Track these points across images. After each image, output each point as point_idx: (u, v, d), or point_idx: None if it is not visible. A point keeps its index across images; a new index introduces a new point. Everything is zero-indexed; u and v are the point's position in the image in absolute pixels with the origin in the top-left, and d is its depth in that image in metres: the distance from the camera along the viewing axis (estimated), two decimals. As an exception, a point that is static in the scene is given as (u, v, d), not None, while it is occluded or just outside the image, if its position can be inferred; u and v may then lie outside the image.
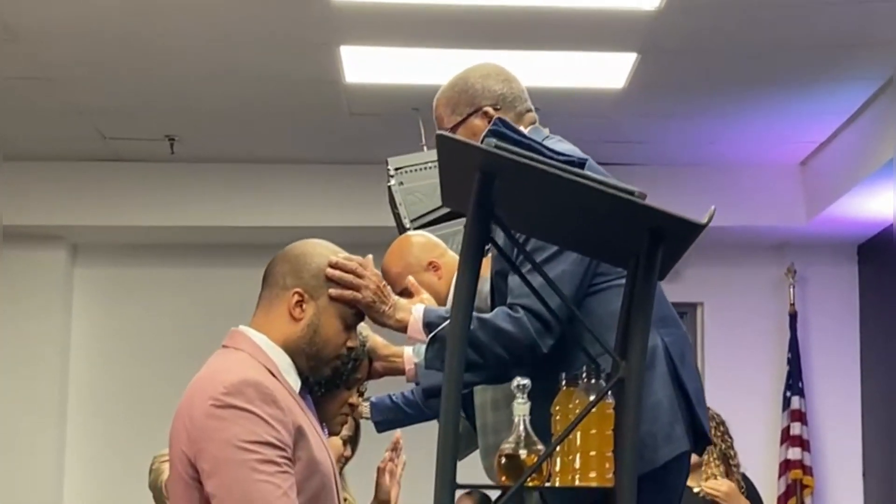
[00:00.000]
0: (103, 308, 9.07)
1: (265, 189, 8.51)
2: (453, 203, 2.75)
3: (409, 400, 4.52)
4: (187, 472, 2.76)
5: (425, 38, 6.31)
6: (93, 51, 6.58)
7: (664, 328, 3.05)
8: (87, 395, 8.95)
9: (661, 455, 2.95)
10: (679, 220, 2.32)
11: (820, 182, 8.30)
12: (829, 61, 6.65)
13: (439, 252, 4.45)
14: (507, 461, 2.51)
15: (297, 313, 2.92)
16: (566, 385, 2.58)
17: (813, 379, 8.94)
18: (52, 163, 8.49)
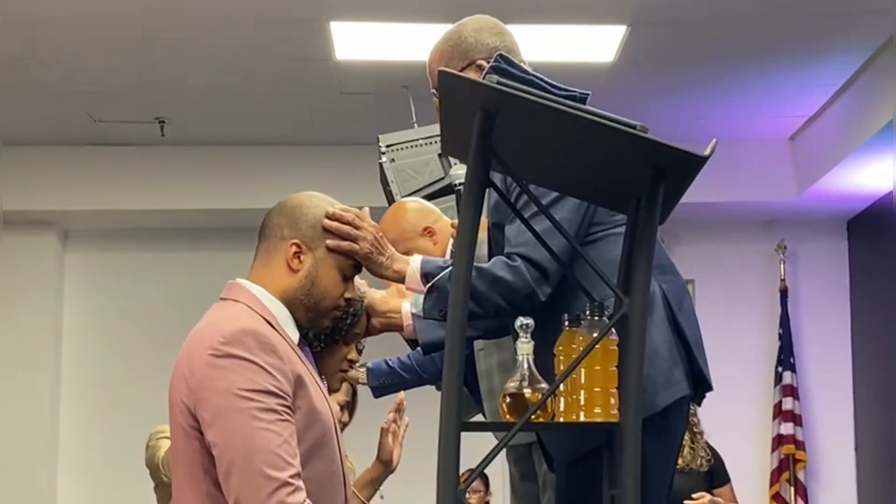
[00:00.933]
0: (95, 293, 9.05)
1: (256, 171, 8.49)
2: (453, 150, 2.74)
3: (405, 365, 4.50)
4: (188, 423, 2.74)
5: (415, 13, 6.29)
6: (82, 32, 6.55)
7: (661, 276, 3.03)
8: (79, 380, 8.94)
9: (661, 399, 2.92)
10: (681, 152, 2.30)
11: (809, 157, 8.30)
12: (817, 31, 6.63)
13: (434, 217, 4.44)
14: (511, 400, 2.50)
15: (294, 264, 2.90)
16: (568, 325, 2.57)
17: (804, 354, 8.94)
18: (41, 147, 8.47)
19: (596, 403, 2.46)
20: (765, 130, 8.33)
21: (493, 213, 3.16)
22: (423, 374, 4.48)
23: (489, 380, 4.05)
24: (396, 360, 4.53)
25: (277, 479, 2.63)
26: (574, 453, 2.96)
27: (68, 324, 8.99)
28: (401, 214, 4.43)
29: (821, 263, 9.03)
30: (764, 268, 9.08)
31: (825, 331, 8.96)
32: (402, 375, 4.42)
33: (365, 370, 4.51)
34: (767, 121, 8.15)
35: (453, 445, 2.37)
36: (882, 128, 7.02)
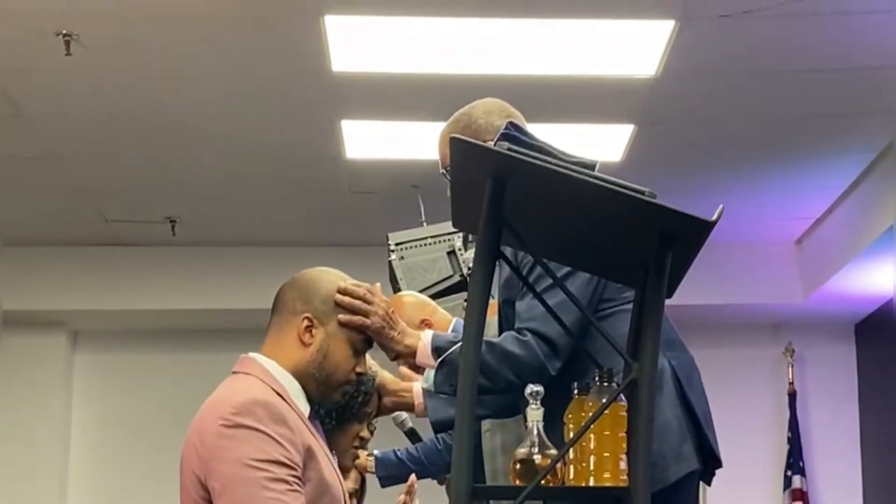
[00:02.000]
0: (104, 394, 9.05)
1: (267, 272, 8.49)
2: (463, 223, 2.76)
3: (413, 457, 4.53)
4: (199, 494, 2.75)
5: (425, 112, 6.37)
6: (96, 131, 6.64)
7: (671, 351, 3.06)
8: (87, 483, 8.90)
9: (672, 474, 2.93)
10: (688, 217, 2.33)
11: (815, 259, 8.34)
12: (821, 133, 6.72)
13: (430, 310, 4.48)
14: (521, 466, 2.51)
15: (306, 339, 2.92)
16: (577, 394, 2.58)
17: (813, 458, 8.90)
18: (53, 248, 8.53)
19: (605, 469, 2.46)
20: (771, 233, 8.39)
21: (503, 289, 3.20)
22: (430, 467, 4.51)
23: (493, 461, 4.07)
24: (405, 452, 4.56)
25: (287, 549, 2.63)
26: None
27: (76, 427, 8.98)
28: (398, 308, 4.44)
29: (829, 367, 9.02)
30: (772, 371, 9.08)
31: (834, 434, 8.93)
32: (409, 467, 4.44)
33: (374, 459, 4.53)
34: (773, 223, 8.21)
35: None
36: (884, 232, 7.07)
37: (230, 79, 6.07)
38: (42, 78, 5.99)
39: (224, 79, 6.06)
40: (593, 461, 2.48)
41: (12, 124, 6.48)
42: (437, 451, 4.48)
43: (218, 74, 6.00)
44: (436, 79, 6.01)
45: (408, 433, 4.53)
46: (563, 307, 2.86)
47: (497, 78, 5.96)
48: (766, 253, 8.58)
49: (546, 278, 2.95)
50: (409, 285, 5.50)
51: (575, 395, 2.59)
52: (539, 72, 5.99)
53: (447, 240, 5.65)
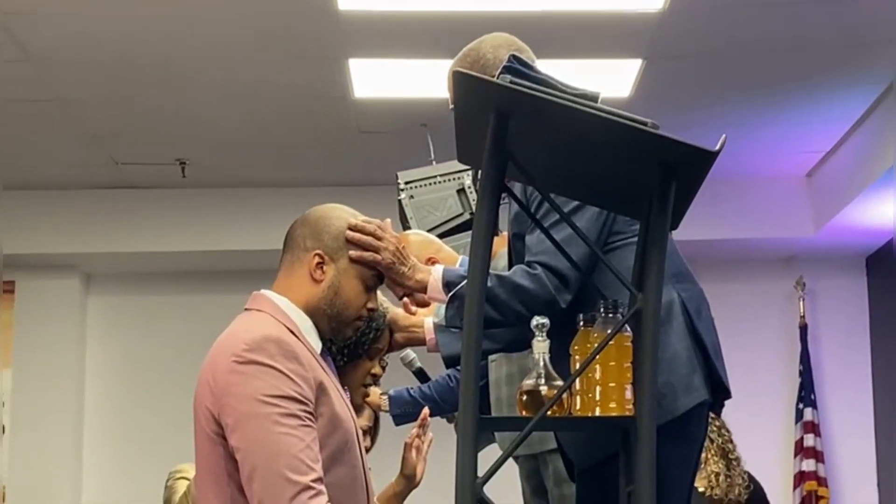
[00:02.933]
0: (117, 336, 9.11)
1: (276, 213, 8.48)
2: (468, 157, 2.79)
3: (426, 395, 4.58)
4: (211, 429, 2.79)
5: (433, 50, 6.37)
6: (105, 74, 6.65)
7: (679, 283, 3.07)
8: (103, 424, 8.98)
9: (681, 404, 2.95)
10: (690, 147, 2.36)
11: (826, 192, 8.34)
12: (832, 64, 6.70)
13: (435, 248, 4.51)
14: (527, 397, 2.55)
15: (317, 275, 2.95)
16: (583, 325, 2.62)
17: (825, 390, 8.94)
18: (64, 191, 8.55)
19: (611, 399, 2.51)
20: (781, 167, 8.38)
21: (512, 224, 3.22)
22: (443, 404, 4.56)
23: (497, 390, 4.13)
24: (418, 390, 4.62)
25: (299, 482, 2.67)
26: (592, 458, 3.00)
27: (91, 367, 9.04)
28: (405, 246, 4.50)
29: (840, 300, 9.05)
30: (783, 305, 9.11)
31: (846, 367, 8.97)
32: (423, 404, 4.48)
33: (387, 398, 4.58)
34: (783, 157, 8.20)
35: (471, 440, 2.41)
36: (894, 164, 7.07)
37: (237, 20, 6.06)
38: (50, 21, 5.99)
39: (231, 20, 6.06)
40: (599, 392, 2.52)
41: (20, 68, 6.49)
42: (449, 388, 4.53)
43: (225, 16, 6.00)
44: (443, 16, 6.01)
45: (416, 373, 4.58)
46: (572, 241, 2.89)
47: (504, 14, 5.95)
48: (777, 187, 8.59)
49: (554, 213, 2.98)
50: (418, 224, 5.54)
51: (580, 326, 2.63)
52: (546, 7, 5.98)
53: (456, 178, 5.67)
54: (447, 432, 4.57)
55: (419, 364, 4.55)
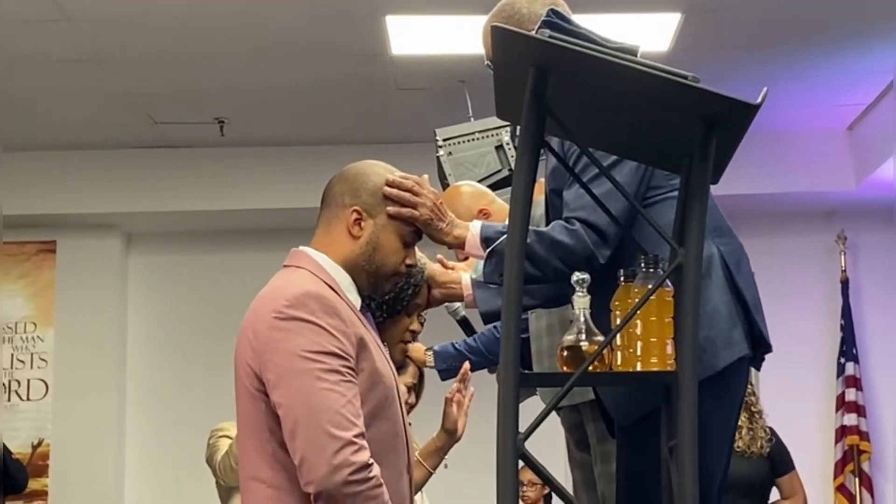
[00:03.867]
0: (159, 295, 9.16)
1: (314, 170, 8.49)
2: (507, 113, 2.77)
3: (472, 347, 4.58)
4: (253, 385, 2.80)
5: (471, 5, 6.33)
6: (143, 33, 6.65)
7: (719, 238, 3.07)
8: (145, 384, 9.05)
9: (721, 359, 2.96)
10: (731, 100, 2.34)
11: (867, 146, 8.27)
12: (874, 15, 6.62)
13: (489, 199, 4.50)
14: (568, 353, 2.55)
15: (355, 231, 2.96)
16: (623, 280, 2.62)
17: (866, 345, 8.90)
18: (103, 151, 8.58)
19: (652, 354, 2.51)
20: (822, 120, 8.32)
21: (550, 179, 3.22)
22: (490, 357, 4.55)
23: (538, 342, 4.13)
24: (463, 343, 4.62)
25: (342, 437, 2.69)
26: (633, 414, 3.00)
27: (132, 327, 9.09)
28: (455, 197, 4.50)
29: (881, 253, 8.99)
30: (824, 259, 9.06)
31: (887, 321, 8.92)
32: (469, 358, 4.49)
33: (432, 353, 4.59)
34: (824, 110, 8.14)
35: (512, 396, 2.42)
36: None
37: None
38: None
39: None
40: (640, 347, 2.52)
41: (58, 27, 6.50)
42: (496, 340, 4.52)
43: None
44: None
45: (461, 322, 4.58)
46: (611, 196, 2.90)
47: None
48: (818, 140, 8.53)
49: (592, 167, 2.97)
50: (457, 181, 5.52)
51: (621, 281, 2.63)
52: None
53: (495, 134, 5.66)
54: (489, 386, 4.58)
55: (464, 313, 4.54)
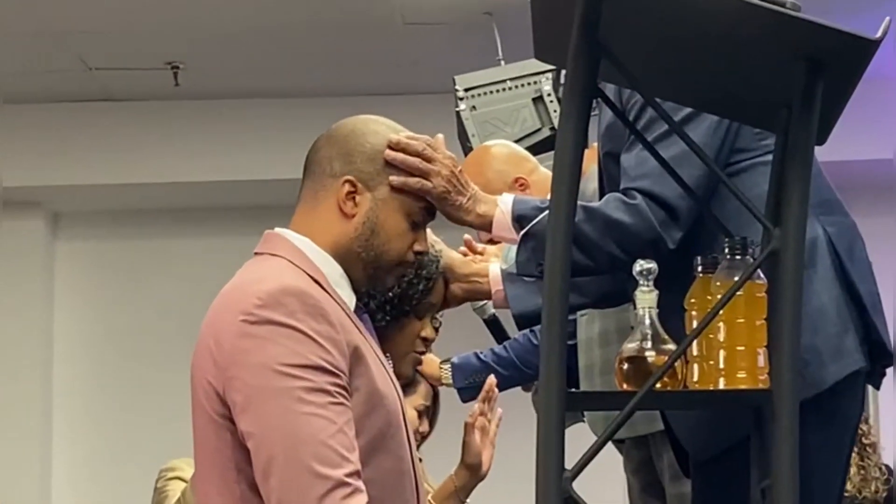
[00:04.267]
0: (92, 288, 9.21)
1: (298, 131, 8.51)
2: (548, 53, 2.76)
3: (501, 358, 4.56)
4: (215, 410, 2.79)
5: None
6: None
7: (826, 216, 3.05)
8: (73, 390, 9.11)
9: (829, 374, 2.94)
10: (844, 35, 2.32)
11: None
12: None
13: (529, 167, 4.49)
14: (629, 366, 2.53)
15: (348, 208, 2.93)
16: (702, 271, 2.60)
17: None
18: (21, 105, 8.59)
19: (739, 367, 2.49)
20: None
21: (604, 139, 3.20)
22: (525, 370, 4.54)
23: (588, 354, 4.13)
24: (490, 353, 4.60)
25: (330, 477, 2.67)
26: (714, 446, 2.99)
27: (60, 323, 9.15)
28: (485, 160, 4.49)
29: None
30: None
31: None
32: (499, 372, 4.47)
33: (449, 367, 4.57)
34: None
35: (556, 422, 2.40)
36: None
37: None
38: None
39: None
40: (723, 357, 2.51)
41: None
42: (533, 348, 4.49)
43: None
44: None
45: (489, 323, 4.57)
46: (683, 160, 2.88)
47: None
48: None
49: (660, 123, 2.96)
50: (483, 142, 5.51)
51: (699, 272, 2.61)
52: None
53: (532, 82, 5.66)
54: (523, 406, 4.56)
55: (493, 311, 4.52)
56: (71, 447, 9.04)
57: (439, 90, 6.19)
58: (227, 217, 9.04)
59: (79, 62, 8.06)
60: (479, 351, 4.61)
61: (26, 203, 8.92)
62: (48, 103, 8.62)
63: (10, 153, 8.62)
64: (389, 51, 7.99)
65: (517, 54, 5.64)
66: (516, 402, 4.50)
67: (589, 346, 4.14)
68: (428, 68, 7.81)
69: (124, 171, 8.73)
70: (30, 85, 8.38)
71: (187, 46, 7.92)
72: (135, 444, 8.50)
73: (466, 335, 4.70)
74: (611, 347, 3.99)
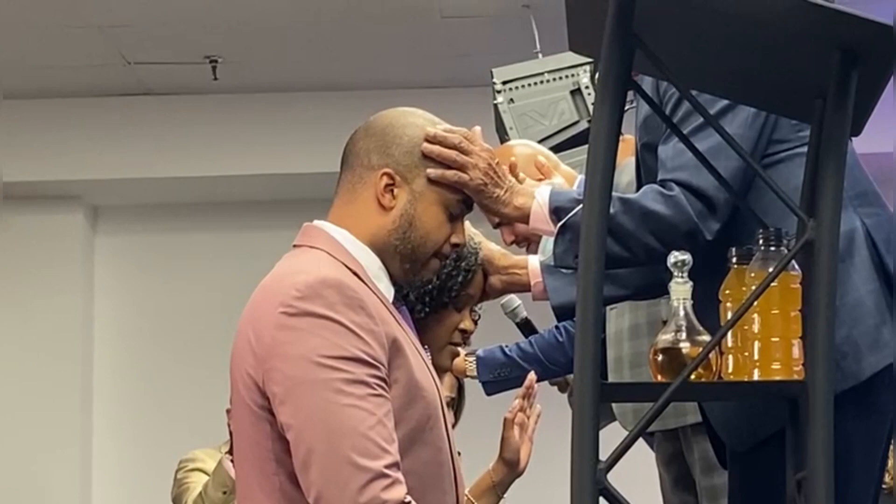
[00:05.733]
0: (132, 282, 9.21)
1: (333, 124, 8.54)
2: (582, 43, 2.77)
3: (526, 354, 4.57)
4: (255, 401, 2.81)
5: None
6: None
7: (863, 207, 3.05)
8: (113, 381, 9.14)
9: (867, 366, 2.94)
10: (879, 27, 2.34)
11: None
12: None
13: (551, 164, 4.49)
14: (664, 357, 2.54)
15: (386, 201, 2.95)
16: (737, 262, 2.61)
17: None
18: (63, 100, 8.63)
19: (774, 358, 2.50)
20: None
21: (641, 131, 3.21)
22: (551, 366, 4.55)
23: (617, 347, 4.13)
24: (515, 348, 4.61)
25: (370, 469, 2.69)
26: (750, 437, 3.00)
27: (99, 315, 9.17)
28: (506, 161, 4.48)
29: None
30: None
31: None
32: (523, 366, 4.48)
33: (474, 360, 4.58)
34: None
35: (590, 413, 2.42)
36: None
37: None
38: None
39: None
40: (758, 349, 2.51)
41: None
42: (557, 344, 4.51)
43: None
44: None
45: (521, 324, 4.58)
46: (720, 152, 2.88)
47: None
48: None
49: (696, 116, 2.96)
50: (521, 135, 5.53)
51: (733, 264, 2.62)
52: None
53: (570, 75, 5.66)
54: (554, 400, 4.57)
55: (525, 314, 4.54)
56: (111, 437, 9.07)
57: (477, 83, 6.20)
58: (266, 210, 9.04)
59: (118, 56, 8.08)
60: (503, 344, 4.62)
61: (66, 197, 8.96)
62: (87, 97, 8.63)
63: (50, 147, 8.66)
64: (428, 44, 7.99)
65: (555, 47, 5.64)
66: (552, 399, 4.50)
67: (618, 339, 4.15)
68: (466, 61, 7.82)
69: (163, 165, 8.74)
70: (69, 79, 8.41)
71: (226, 40, 7.93)
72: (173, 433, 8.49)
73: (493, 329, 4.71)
74: (640, 340, 4.01)
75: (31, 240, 8.91)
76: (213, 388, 4.37)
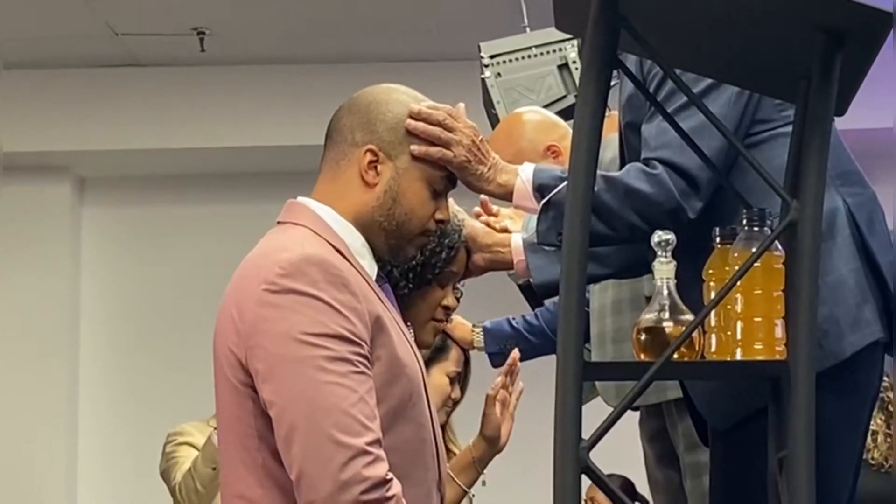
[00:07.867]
0: (118, 254, 9.21)
1: (320, 97, 8.51)
2: (567, 22, 2.76)
3: (533, 326, 4.56)
4: (237, 378, 2.80)
5: None
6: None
7: (845, 187, 3.05)
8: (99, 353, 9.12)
9: (847, 345, 2.94)
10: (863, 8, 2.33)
11: None
12: None
13: (560, 132, 4.47)
14: (647, 336, 2.54)
15: (370, 177, 2.94)
16: (720, 242, 2.60)
17: None
18: (47, 70, 8.61)
19: (756, 338, 2.49)
20: None
21: (625, 110, 3.21)
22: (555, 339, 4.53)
23: (600, 322, 4.12)
24: (521, 321, 4.60)
25: (352, 446, 2.68)
26: (732, 416, 3.00)
27: (86, 287, 9.16)
28: (517, 128, 4.48)
29: None
30: None
31: None
32: (529, 339, 4.48)
33: (481, 331, 4.57)
34: None
35: (573, 391, 2.41)
36: None
37: None
38: None
39: None
40: (741, 328, 2.51)
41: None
42: None
43: None
44: None
45: (523, 287, 4.56)
46: (704, 131, 2.88)
47: None
48: None
49: (680, 95, 2.96)
50: (508, 109, 5.51)
51: (717, 243, 2.61)
52: None
53: (557, 49, 5.64)
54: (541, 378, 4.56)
55: None
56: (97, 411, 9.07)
57: (464, 57, 6.17)
58: (253, 182, 9.03)
59: (105, 27, 8.05)
60: (510, 316, 4.61)
61: (53, 167, 8.94)
62: (75, 68, 8.62)
63: (37, 118, 8.65)
64: (415, 17, 7.97)
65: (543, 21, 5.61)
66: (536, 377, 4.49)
67: (601, 314, 4.14)
68: (453, 35, 7.80)
69: (150, 136, 8.72)
70: (56, 50, 8.39)
71: (213, 12, 7.91)
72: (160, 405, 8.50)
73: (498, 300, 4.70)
74: (623, 316, 4.00)
75: (17, 210, 8.86)
76: (199, 360, 4.36)
